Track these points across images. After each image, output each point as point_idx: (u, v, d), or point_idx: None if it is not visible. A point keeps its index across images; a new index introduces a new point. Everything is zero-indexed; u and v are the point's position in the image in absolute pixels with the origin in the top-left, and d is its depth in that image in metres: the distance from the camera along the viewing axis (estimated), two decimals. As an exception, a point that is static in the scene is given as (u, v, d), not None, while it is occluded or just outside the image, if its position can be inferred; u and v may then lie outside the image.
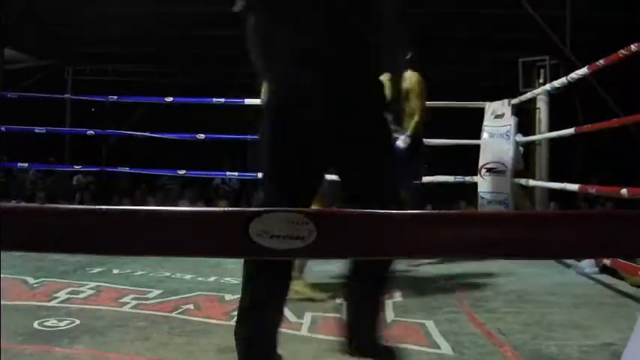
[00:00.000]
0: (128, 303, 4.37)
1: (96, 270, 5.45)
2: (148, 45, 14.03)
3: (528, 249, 1.18)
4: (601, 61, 5.48)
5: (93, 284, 4.88)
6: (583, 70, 5.93)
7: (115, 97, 8.99)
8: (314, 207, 4.87)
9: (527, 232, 1.14)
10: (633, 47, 5.02)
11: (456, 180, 7.92)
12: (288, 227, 0.99)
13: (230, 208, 1.04)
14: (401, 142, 5.58)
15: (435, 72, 13.34)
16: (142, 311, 4.17)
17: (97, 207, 1.00)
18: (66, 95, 13.08)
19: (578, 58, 7.89)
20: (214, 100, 8.33)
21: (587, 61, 5.83)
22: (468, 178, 7.84)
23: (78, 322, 3.85)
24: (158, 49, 14.21)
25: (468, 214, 1.30)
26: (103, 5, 11.57)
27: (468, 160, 7.90)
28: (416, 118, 5.86)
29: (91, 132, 8.95)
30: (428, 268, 6.02)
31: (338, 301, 4.56)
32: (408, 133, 5.73)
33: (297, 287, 4.72)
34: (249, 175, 8.89)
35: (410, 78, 5.89)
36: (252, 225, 0.99)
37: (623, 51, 5.15)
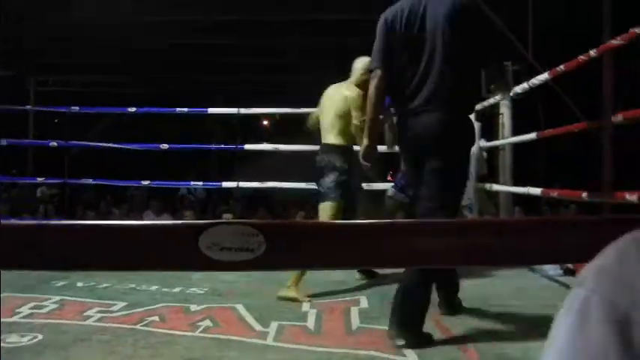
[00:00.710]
0: (92, 316, 4.32)
1: (60, 283, 5.38)
2: (112, 56, 13.95)
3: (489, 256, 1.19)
4: (561, 67, 5.54)
5: (57, 298, 4.83)
6: (544, 76, 5.98)
7: (77, 107, 8.91)
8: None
9: (492, 239, 1.14)
10: (592, 53, 5.08)
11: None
12: (238, 239, 0.99)
13: (180, 221, 1.04)
14: None
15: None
16: (106, 324, 4.13)
17: (39, 222, 0.99)
18: (27, 107, 12.95)
19: (541, 64, 7.95)
20: (177, 110, 8.30)
21: (551, 67, 5.89)
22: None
23: (41, 337, 3.80)
24: (122, 60, 14.14)
25: (417, 223, 1.30)
26: (66, 16, 11.48)
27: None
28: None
29: (53, 143, 8.87)
30: (390, 272, 6.03)
31: (304, 309, 4.58)
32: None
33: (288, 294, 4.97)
34: (213, 184, 8.86)
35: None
36: (202, 238, 0.99)
37: (582, 57, 5.21)
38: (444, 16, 3.94)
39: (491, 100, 7.73)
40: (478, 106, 7.51)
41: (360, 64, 5.49)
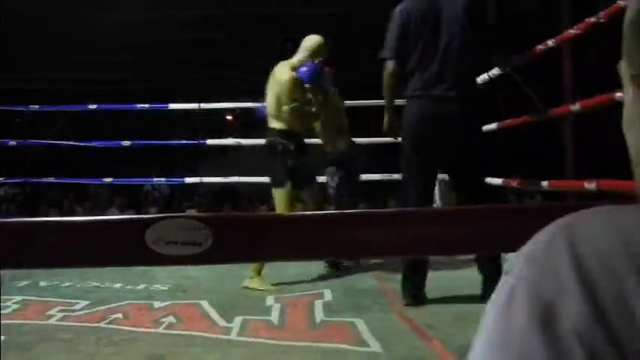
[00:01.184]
0: (55, 315, 4.29)
1: (22, 283, 5.33)
2: (71, 52, 13.80)
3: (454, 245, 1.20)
4: (519, 57, 5.58)
5: (19, 298, 4.78)
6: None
7: (37, 106, 8.82)
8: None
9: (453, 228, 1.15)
10: (550, 43, 5.13)
11: (383, 178, 7.93)
12: (184, 233, 0.99)
13: (126, 216, 1.03)
14: None
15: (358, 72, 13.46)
16: (69, 323, 4.10)
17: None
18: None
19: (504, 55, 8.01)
20: (138, 106, 8.24)
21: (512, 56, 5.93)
22: (396, 176, 7.85)
23: (3, 337, 3.75)
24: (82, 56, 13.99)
25: (371, 212, 1.31)
26: (25, 12, 11.34)
27: (396, 158, 7.91)
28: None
29: (13, 142, 8.77)
30: (354, 263, 6.06)
31: (267, 303, 4.59)
32: None
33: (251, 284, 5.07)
34: (176, 180, 8.82)
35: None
36: (148, 232, 0.98)
37: (540, 46, 5.25)
38: (462, 6, 4.39)
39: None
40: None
41: (309, 42, 5.42)
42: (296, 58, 5.42)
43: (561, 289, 0.49)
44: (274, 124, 5.30)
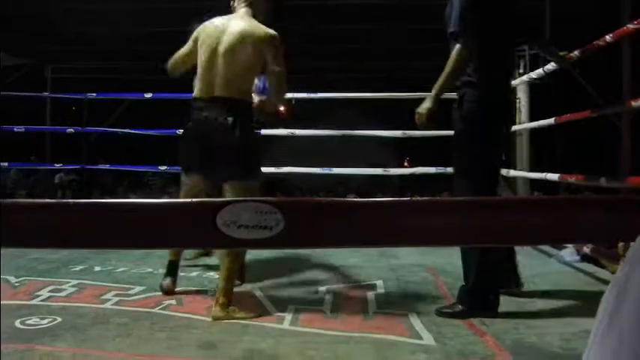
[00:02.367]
0: (110, 300, 4.35)
1: (78, 267, 5.42)
2: (129, 41, 13.96)
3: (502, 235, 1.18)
4: (576, 52, 5.49)
5: (74, 282, 4.85)
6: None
7: (94, 94, 8.95)
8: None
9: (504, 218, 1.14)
10: (608, 38, 5.04)
11: (438, 171, 7.91)
12: (255, 217, 0.99)
13: (198, 199, 1.03)
14: None
15: (415, 66, 13.38)
16: (123, 308, 4.15)
17: (63, 200, 0.99)
18: (45, 93, 12.99)
19: (559, 49, 7.90)
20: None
21: (569, 52, 5.85)
22: (449, 169, 7.83)
23: (59, 319, 3.82)
24: (138, 45, 14.15)
25: (445, 201, 1.29)
26: (83, 2, 11.50)
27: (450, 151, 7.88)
28: None
29: (70, 130, 8.91)
30: (407, 256, 6.05)
31: (320, 292, 4.59)
32: None
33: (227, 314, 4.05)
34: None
35: None
36: (219, 215, 0.98)
37: (598, 42, 5.17)
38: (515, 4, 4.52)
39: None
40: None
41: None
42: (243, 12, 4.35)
43: None
44: (234, 93, 4.19)
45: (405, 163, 9.90)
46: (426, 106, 4.22)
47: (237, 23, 4.24)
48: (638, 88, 5.39)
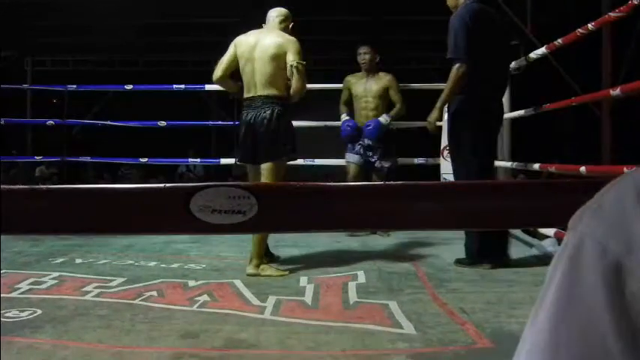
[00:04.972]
0: (90, 292, 4.33)
1: (58, 260, 5.39)
2: (110, 35, 13.88)
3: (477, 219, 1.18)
4: (559, 41, 5.52)
5: (55, 274, 4.83)
6: (541, 50, 5.96)
7: (74, 86, 8.90)
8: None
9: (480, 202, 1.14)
10: (590, 26, 5.06)
11: (418, 162, 7.92)
12: (229, 202, 0.98)
13: (171, 184, 1.03)
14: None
15: (396, 57, 13.37)
16: (104, 299, 4.14)
17: (34, 187, 0.98)
18: (24, 85, 12.88)
19: (539, 40, 7.92)
20: (174, 86, 8.28)
21: (549, 42, 5.87)
22: (430, 160, 7.86)
23: (39, 312, 3.81)
24: (120, 39, 14.07)
25: (414, 185, 1.29)
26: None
27: (429, 142, 7.89)
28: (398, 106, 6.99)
29: (50, 122, 8.87)
30: (388, 247, 6.09)
31: (301, 284, 4.60)
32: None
33: (263, 272, 4.95)
34: (212, 161, 8.86)
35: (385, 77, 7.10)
36: (193, 200, 0.98)
37: (580, 30, 5.19)
38: (506, 23, 5.25)
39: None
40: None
41: (279, 13, 5.42)
42: (272, 24, 5.42)
43: (631, 246, 0.46)
44: (271, 90, 5.15)
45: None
46: (434, 116, 5.32)
47: (266, 35, 5.26)
48: (618, 77, 5.41)
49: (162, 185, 0.99)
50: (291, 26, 5.42)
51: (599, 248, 0.48)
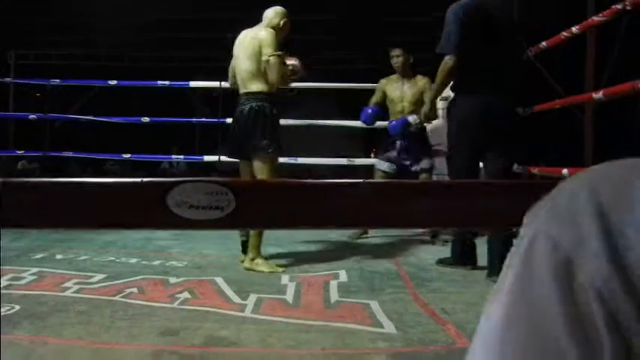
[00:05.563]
0: (70, 288, 4.30)
1: (38, 256, 5.36)
2: (94, 30, 13.83)
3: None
4: (543, 43, 5.54)
5: (35, 270, 4.79)
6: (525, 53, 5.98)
7: (58, 80, 8.86)
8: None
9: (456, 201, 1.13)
10: (574, 29, 5.09)
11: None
12: (206, 198, 0.97)
13: (148, 179, 1.01)
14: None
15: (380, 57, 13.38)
16: (84, 296, 4.11)
17: (8, 179, 0.97)
18: (7, 79, 12.80)
19: (525, 42, 7.95)
20: (159, 82, 8.26)
21: (534, 45, 5.90)
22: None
23: (18, 307, 3.78)
24: (105, 34, 14.02)
25: (398, 183, 1.28)
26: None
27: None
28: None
29: (33, 116, 8.82)
30: (370, 246, 6.10)
31: (283, 282, 4.59)
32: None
33: (257, 267, 5.03)
34: (195, 157, 8.84)
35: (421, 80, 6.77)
36: (170, 195, 0.97)
37: (565, 33, 5.21)
38: (508, 14, 5.17)
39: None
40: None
41: (272, 11, 5.44)
42: (266, 22, 5.42)
43: (581, 241, 0.48)
44: (250, 87, 5.21)
45: (372, 154, 9.89)
46: (425, 109, 5.49)
47: (249, 33, 5.33)
48: (601, 80, 5.43)
49: (139, 180, 0.98)
50: (282, 23, 5.38)
51: (550, 244, 0.49)
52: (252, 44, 5.19)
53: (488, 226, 3.38)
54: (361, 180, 1.09)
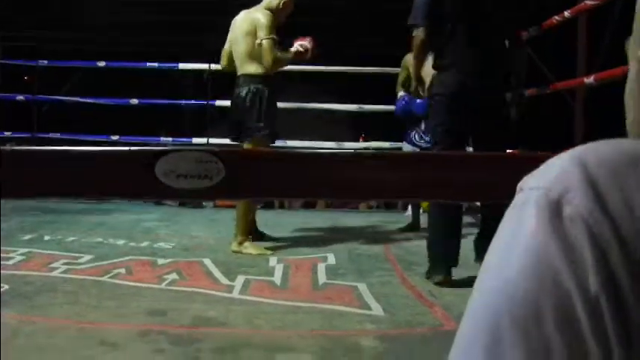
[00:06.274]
0: (58, 268, 4.29)
1: (27, 237, 5.33)
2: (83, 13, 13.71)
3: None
4: (534, 28, 5.54)
5: (23, 250, 4.78)
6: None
7: (46, 61, 8.80)
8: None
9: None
10: (566, 14, 5.08)
11: (392, 146, 7.89)
12: (195, 166, 0.97)
13: (135, 147, 1.00)
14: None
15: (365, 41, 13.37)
16: (72, 276, 4.10)
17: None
18: (-7, 59, 12.68)
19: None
20: (148, 64, 8.22)
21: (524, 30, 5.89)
22: (401, 144, 7.82)
23: (6, 287, 3.77)
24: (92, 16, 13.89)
25: (388, 154, 1.28)
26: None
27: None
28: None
29: (20, 97, 8.77)
30: (359, 229, 6.11)
31: (271, 264, 4.59)
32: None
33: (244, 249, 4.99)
34: (184, 140, 8.82)
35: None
36: (158, 164, 0.96)
37: (557, 17, 5.21)
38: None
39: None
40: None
41: None
42: (265, 2, 5.31)
43: (569, 188, 0.51)
44: (247, 69, 5.19)
45: (360, 139, 9.89)
46: (412, 85, 5.18)
47: (244, 14, 5.29)
48: (593, 66, 5.43)
49: (127, 149, 0.97)
50: (282, 4, 5.24)
51: (542, 198, 0.52)
52: (248, 26, 5.16)
53: (475, 199, 3.36)
54: (344, 150, 1.09)
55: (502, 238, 0.55)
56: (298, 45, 5.21)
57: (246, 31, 5.17)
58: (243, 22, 5.24)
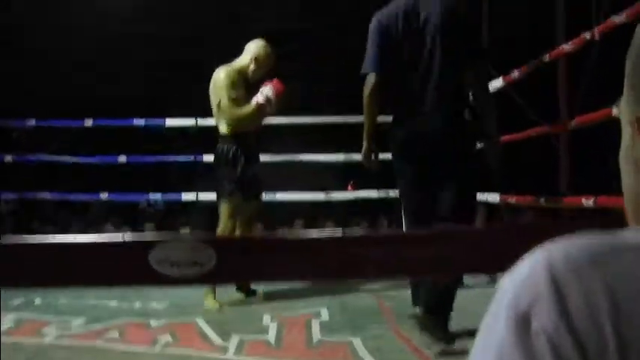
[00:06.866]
0: (50, 334, 4.26)
1: (17, 302, 5.27)
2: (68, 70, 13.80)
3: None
4: (515, 72, 5.60)
5: (13, 316, 4.73)
6: (498, 82, 6.00)
7: (33, 121, 8.83)
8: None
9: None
10: (545, 58, 5.15)
11: (380, 195, 7.88)
12: (187, 254, 0.97)
13: (130, 238, 1.01)
14: None
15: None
16: (64, 342, 4.07)
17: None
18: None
19: (498, 71, 8.02)
20: (134, 121, 8.24)
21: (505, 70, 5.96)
22: (392, 193, 7.81)
23: (-3, 357, 3.73)
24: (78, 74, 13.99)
25: (367, 235, 1.29)
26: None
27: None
28: None
29: (9, 158, 8.76)
30: (353, 284, 6.08)
31: (264, 322, 4.56)
32: None
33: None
34: (173, 195, 8.81)
35: None
36: (152, 253, 0.97)
37: (536, 62, 5.28)
38: (441, 16, 3.95)
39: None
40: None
41: (253, 44, 5.25)
42: (239, 59, 5.29)
43: (537, 298, 0.56)
44: (220, 128, 5.21)
45: (350, 187, 9.91)
46: (364, 147, 4.26)
47: (215, 73, 5.21)
48: (574, 107, 5.48)
49: (121, 240, 0.98)
50: (253, 60, 5.18)
51: (512, 304, 0.58)
52: (213, 85, 5.19)
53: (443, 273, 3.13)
54: (340, 233, 1.10)
55: (480, 340, 0.61)
56: (259, 95, 5.07)
57: (212, 90, 5.18)
58: (212, 80, 5.22)
